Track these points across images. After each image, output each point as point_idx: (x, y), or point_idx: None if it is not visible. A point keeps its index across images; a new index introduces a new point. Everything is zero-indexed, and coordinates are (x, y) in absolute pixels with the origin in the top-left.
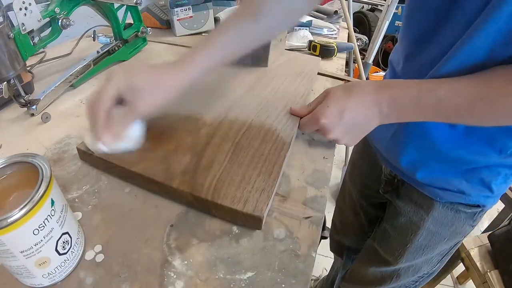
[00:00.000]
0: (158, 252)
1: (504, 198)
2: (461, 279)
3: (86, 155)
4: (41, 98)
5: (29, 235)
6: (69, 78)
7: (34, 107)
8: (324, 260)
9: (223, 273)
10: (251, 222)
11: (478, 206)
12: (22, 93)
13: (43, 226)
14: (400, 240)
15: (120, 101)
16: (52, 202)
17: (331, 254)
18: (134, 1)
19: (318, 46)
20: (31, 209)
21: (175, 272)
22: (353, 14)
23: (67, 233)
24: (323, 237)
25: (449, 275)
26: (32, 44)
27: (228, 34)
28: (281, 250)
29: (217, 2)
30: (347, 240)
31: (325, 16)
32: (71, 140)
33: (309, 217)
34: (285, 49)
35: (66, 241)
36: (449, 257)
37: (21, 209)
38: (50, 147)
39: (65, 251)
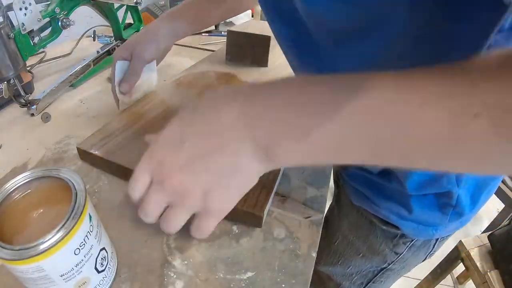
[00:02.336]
0: (158, 252)
1: (504, 198)
2: (461, 279)
3: (86, 155)
4: (41, 98)
5: (70, 256)
6: (69, 78)
7: (34, 107)
8: None
9: (223, 273)
10: (251, 220)
11: (396, 227)
12: (22, 93)
13: (84, 244)
14: (325, 239)
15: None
16: (90, 217)
17: None
18: (134, 1)
19: None
20: (72, 227)
21: (175, 272)
22: None
23: (104, 248)
24: None
25: (449, 275)
26: (32, 44)
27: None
28: (281, 250)
29: None
30: None
31: None
32: (71, 140)
33: (309, 217)
34: None
35: (104, 257)
36: (381, 286)
37: (61, 228)
38: (50, 147)
39: (103, 268)
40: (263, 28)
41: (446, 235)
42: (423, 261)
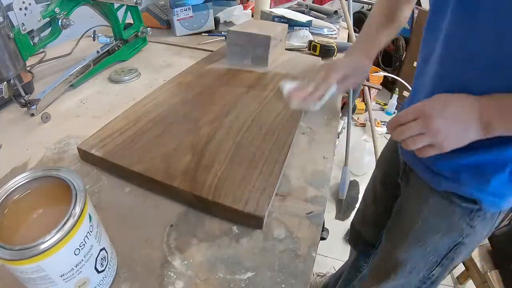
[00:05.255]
0: (158, 252)
1: None
2: (461, 279)
3: (87, 155)
4: (41, 98)
5: (70, 256)
6: (69, 78)
7: (34, 107)
8: (330, 261)
9: (223, 273)
10: (252, 221)
11: (474, 202)
12: (22, 93)
13: (84, 244)
14: (401, 228)
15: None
16: (90, 218)
17: (335, 255)
18: (134, 1)
19: (318, 46)
20: (72, 227)
21: (175, 272)
22: (353, 14)
23: (103, 248)
24: (322, 238)
25: (449, 275)
26: (32, 44)
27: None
28: (281, 250)
29: (217, 2)
30: (364, 230)
31: (325, 16)
32: (71, 140)
33: (310, 213)
34: (285, 49)
35: (104, 257)
36: (450, 265)
37: (61, 228)
38: (50, 147)
39: (103, 268)
40: (263, 27)
41: (508, 206)
42: (484, 238)
